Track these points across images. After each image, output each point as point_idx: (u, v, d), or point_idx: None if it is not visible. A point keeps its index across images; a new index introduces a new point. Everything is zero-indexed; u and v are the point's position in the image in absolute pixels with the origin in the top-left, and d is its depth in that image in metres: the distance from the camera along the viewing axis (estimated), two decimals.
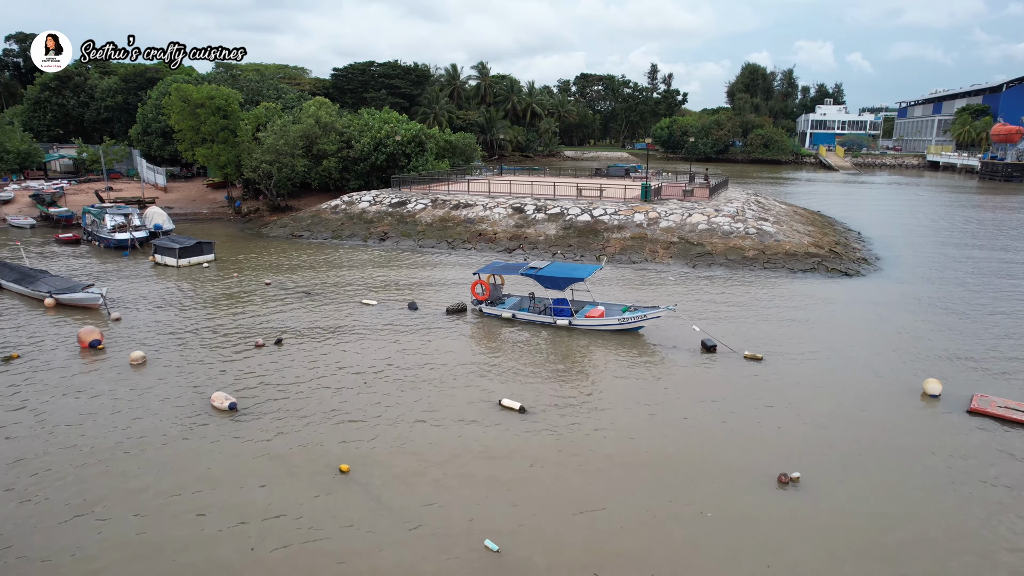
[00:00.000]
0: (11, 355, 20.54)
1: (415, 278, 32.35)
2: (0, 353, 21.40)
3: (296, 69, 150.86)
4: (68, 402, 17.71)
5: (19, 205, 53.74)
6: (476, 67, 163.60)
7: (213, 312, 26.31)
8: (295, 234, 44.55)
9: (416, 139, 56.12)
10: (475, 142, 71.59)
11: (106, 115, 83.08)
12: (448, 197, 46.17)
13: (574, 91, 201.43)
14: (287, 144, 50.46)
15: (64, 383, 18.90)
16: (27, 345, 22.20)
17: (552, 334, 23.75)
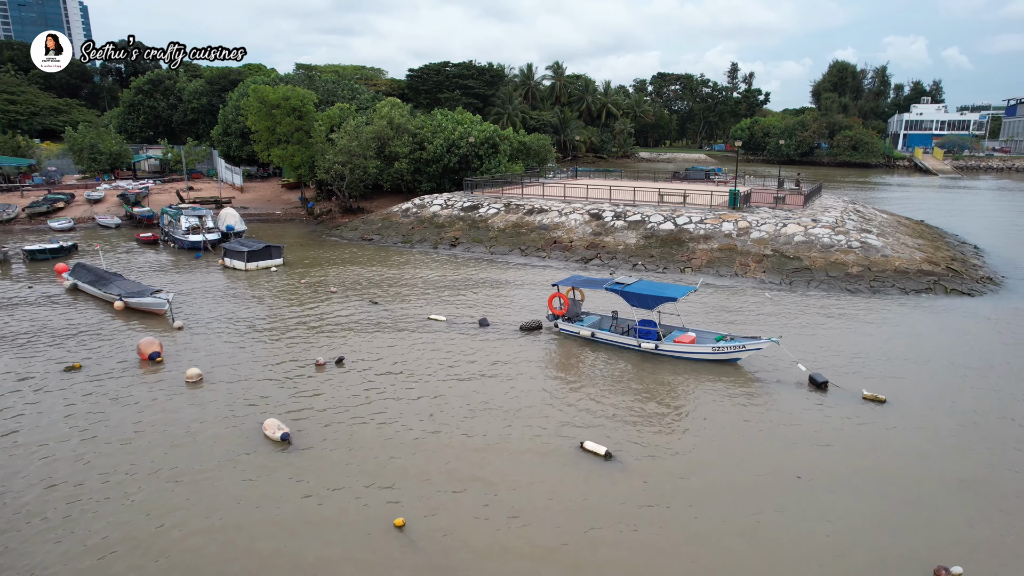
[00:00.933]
0: (74, 364, 19.89)
1: (486, 289, 30.54)
2: (68, 359, 20.87)
3: (373, 70, 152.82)
4: (117, 421, 16.71)
5: (108, 204, 55.35)
6: (551, 67, 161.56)
7: (275, 323, 25.25)
8: (365, 238, 43.67)
9: (489, 140, 54.54)
10: (549, 143, 69.49)
11: (192, 116, 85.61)
12: (522, 202, 44.27)
13: (650, 91, 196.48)
14: (360, 145, 49.80)
15: (118, 399, 17.99)
16: (92, 352, 21.61)
17: (636, 359, 21.37)
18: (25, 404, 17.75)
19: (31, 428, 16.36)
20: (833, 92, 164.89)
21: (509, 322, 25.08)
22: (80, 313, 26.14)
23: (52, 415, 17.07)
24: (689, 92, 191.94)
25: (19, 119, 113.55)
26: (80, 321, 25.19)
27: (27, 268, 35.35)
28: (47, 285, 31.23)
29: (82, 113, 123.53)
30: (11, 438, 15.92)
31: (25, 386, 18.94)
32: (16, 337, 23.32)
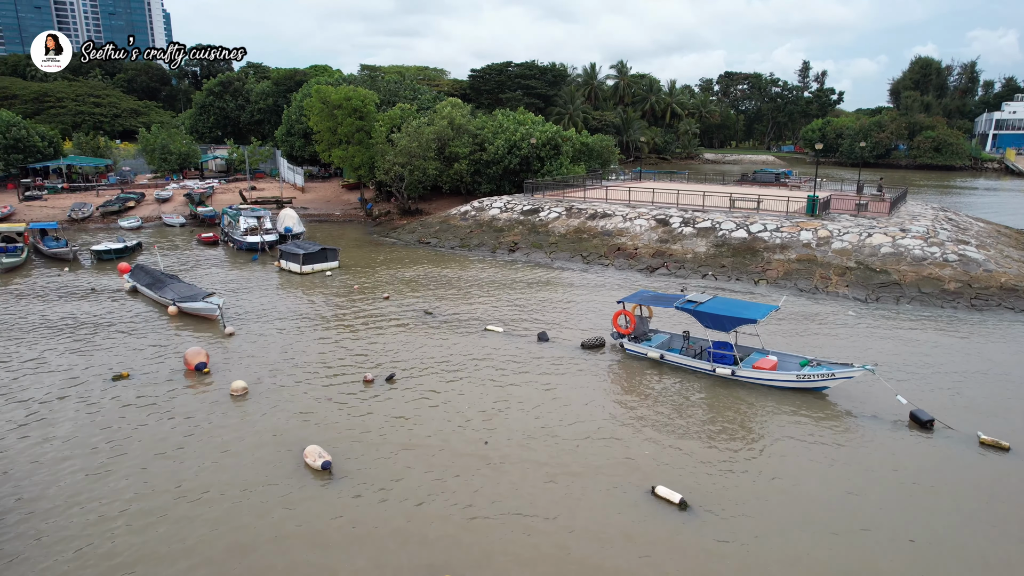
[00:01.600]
0: (122, 374, 19.42)
1: (545, 299, 28.99)
2: (119, 365, 20.47)
3: (435, 71, 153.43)
4: (155, 435, 15.96)
5: (175, 204, 56.47)
6: (615, 66, 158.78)
7: (327, 331, 24.38)
8: (422, 241, 42.78)
9: (551, 142, 52.95)
10: (613, 144, 67.44)
11: (259, 117, 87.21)
12: (584, 206, 42.52)
13: (716, 90, 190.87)
14: (420, 146, 49.04)
15: (160, 411, 17.30)
16: (142, 358, 21.17)
17: (709, 386, 19.42)
18: (69, 412, 17.28)
19: (68, 439, 15.79)
20: (914, 90, 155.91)
21: (570, 337, 23.46)
22: (135, 316, 25.95)
23: (93, 426, 16.48)
24: (757, 91, 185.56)
25: (103, 121, 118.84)
26: (135, 324, 24.95)
27: (94, 267, 35.87)
28: (109, 285, 31.44)
29: (159, 114, 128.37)
30: (47, 446, 15.37)
31: (73, 392, 18.54)
32: (73, 337, 23.20)
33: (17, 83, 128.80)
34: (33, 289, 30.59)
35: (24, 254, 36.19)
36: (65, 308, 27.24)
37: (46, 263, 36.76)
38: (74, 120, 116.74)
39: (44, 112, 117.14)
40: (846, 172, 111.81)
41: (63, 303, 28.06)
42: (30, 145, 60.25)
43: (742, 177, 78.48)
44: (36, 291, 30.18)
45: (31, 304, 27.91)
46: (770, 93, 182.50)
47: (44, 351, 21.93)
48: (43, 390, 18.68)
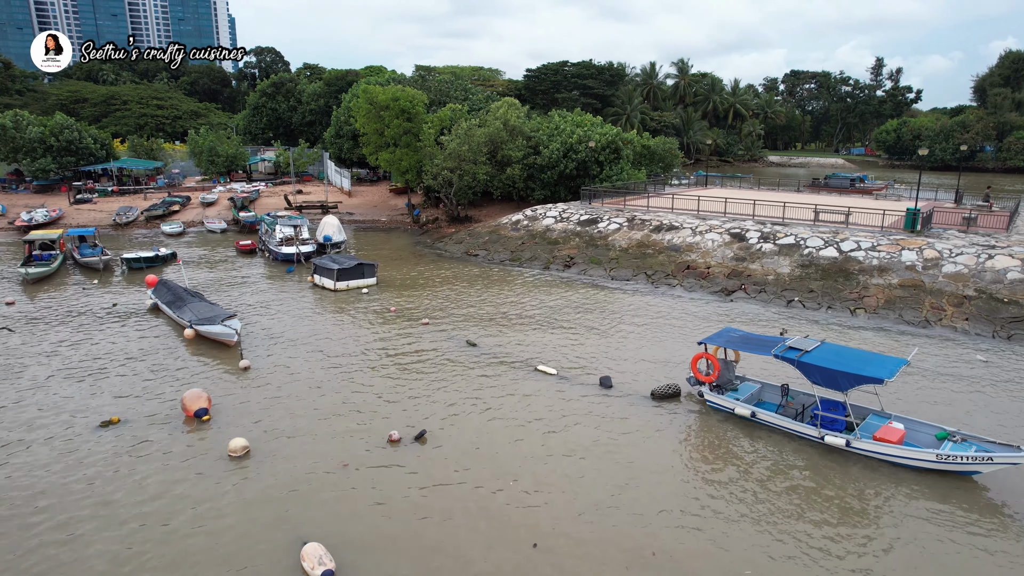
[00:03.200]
0: (112, 419, 16.71)
1: (606, 328, 25.25)
2: (115, 398, 17.85)
3: (490, 71, 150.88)
4: (120, 515, 13.04)
5: (219, 208, 54.97)
6: (676, 64, 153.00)
7: (355, 365, 21.29)
8: (469, 253, 39.54)
9: (611, 145, 49.06)
10: (676, 147, 62.98)
11: (310, 118, 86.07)
12: (647, 216, 38.50)
13: (781, 90, 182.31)
14: (470, 150, 45.91)
15: (139, 475, 14.40)
16: (140, 395, 18.50)
17: (815, 456, 15.41)
18: (39, 462, 14.63)
19: (28, 500, 13.05)
20: (1004, 87, 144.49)
21: (637, 382, 19.70)
22: (148, 341, 23.44)
23: (59, 486, 13.73)
24: (825, 91, 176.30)
25: (164, 122, 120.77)
26: (146, 350, 22.42)
27: (125, 277, 33.99)
28: (131, 300, 29.29)
29: (218, 116, 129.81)
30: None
31: (53, 441, 15.90)
32: (72, 364, 20.79)
33: (88, 87, 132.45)
34: (52, 303, 28.65)
35: (57, 262, 34.56)
36: (78, 326, 25.03)
37: (80, 272, 35.10)
38: (137, 122, 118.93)
39: (111, 115, 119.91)
40: (925, 177, 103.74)
41: (78, 320, 25.90)
42: (83, 148, 59.88)
43: (813, 182, 72.84)
44: (54, 305, 28.19)
45: (43, 322, 25.85)
46: (839, 92, 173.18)
47: (34, 381, 19.54)
48: (18, 430, 16.14)
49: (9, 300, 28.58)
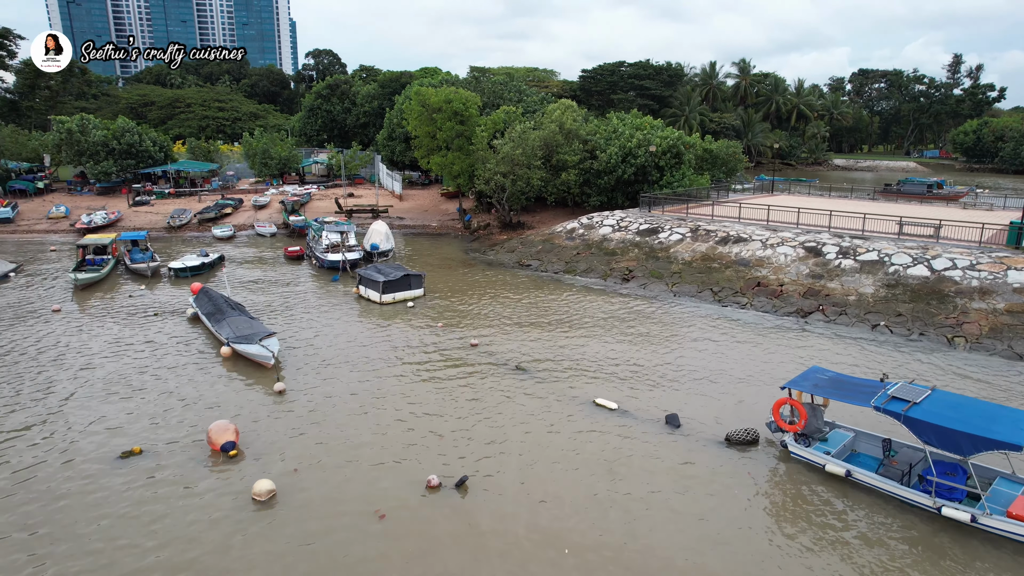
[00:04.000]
0: (133, 449, 15.53)
1: (671, 354, 23.03)
2: (136, 434, 16.74)
3: (545, 72, 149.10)
4: (134, 551, 11.69)
5: (271, 211, 54.73)
6: (736, 64, 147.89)
7: (395, 391, 19.73)
8: (522, 263, 37.70)
9: (672, 149, 46.49)
10: (740, 151, 59.85)
11: (364, 120, 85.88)
12: (712, 226, 35.92)
13: (848, 89, 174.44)
14: (524, 154, 44.12)
15: (155, 513, 13.10)
16: (165, 422, 17.34)
17: (931, 534, 12.94)
18: (49, 497, 13.50)
19: (25, 544, 11.85)
20: None
21: (709, 422, 17.49)
22: (183, 356, 22.44)
23: (65, 527, 12.52)
24: (896, 90, 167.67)
25: (224, 124, 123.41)
26: (179, 368, 21.38)
27: (172, 284, 33.49)
28: (175, 307, 28.55)
29: (276, 118, 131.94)
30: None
31: (72, 466, 14.82)
32: (106, 377, 19.88)
33: (156, 90, 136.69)
34: (96, 310, 28.16)
35: (107, 268, 34.34)
36: (117, 336, 24.29)
37: (129, 277, 34.83)
38: (200, 124, 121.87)
39: (175, 117, 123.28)
40: (1012, 181, 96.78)
41: (118, 329, 25.20)
42: (142, 150, 60.71)
43: (885, 187, 68.41)
44: (97, 313, 27.66)
45: (83, 331, 25.24)
46: (912, 92, 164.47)
47: (64, 394, 18.64)
48: (38, 450, 15.11)
49: (56, 307, 28.24)
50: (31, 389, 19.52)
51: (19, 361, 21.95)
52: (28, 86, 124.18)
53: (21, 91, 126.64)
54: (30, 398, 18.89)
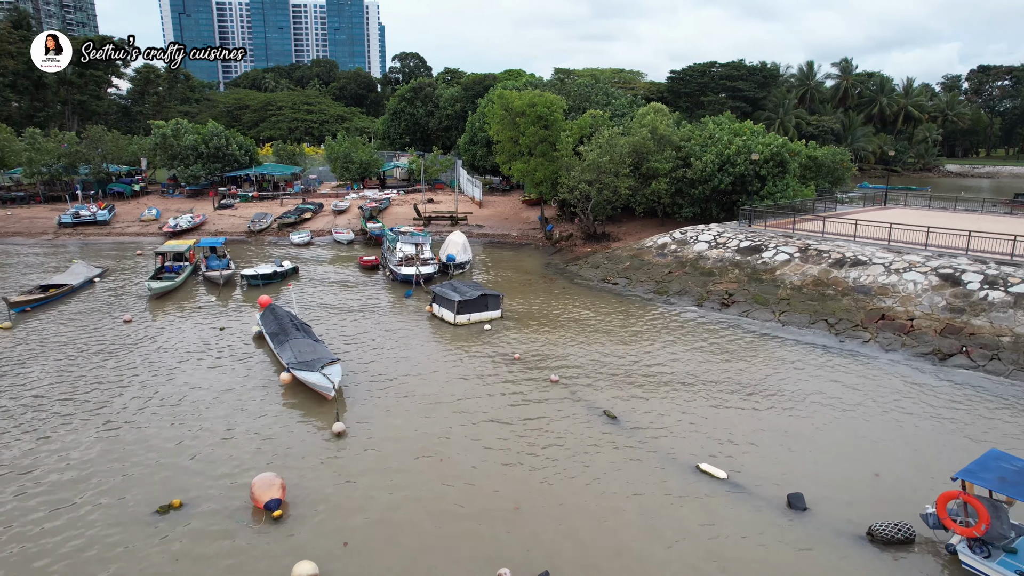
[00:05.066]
0: (172, 503, 13.85)
1: (790, 406, 19.68)
2: (179, 482, 15.13)
3: (631, 73, 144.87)
4: None
5: (350, 216, 54.06)
6: (837, 64, 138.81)
7: (465, 439, 17.41)
8: (608, 280, 34.77)
9: (776, 157, 42.36)
10: (848, 158, 54.63)
11: (446, 124, 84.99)
12: (824, 246, 31.86)
13: (964, 88, 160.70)
14: (612, 161, 41.21)
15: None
16: (214, 467, 15.66)
17: None
18: (66, 552, 11.91)
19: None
20: None
21: (839, 503, 14.21)
22: (241, 380, 20.95)
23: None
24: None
25: (312, 127, 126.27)
26: (233, 396, 19.84)
27: (243, 293, 32.67)
28: (242, 322, 27.43)
29: (361, 120, 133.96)
30: None
31: (102, 513, 13.30)
32: (158, 403, 18.56)
33: (250, 94, 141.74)
34: (165, 323, 27.37)
35: (183, 276, 33.92)
36: (176, 354, 23.19)
37: (203, 286, 34.31)
38: (289, 126, 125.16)
39: (267, 120, 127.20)
40: None
41: (181, 344, 24.14)
42: (228, 154, 61.59)
43: (1015, 197, 61.27)
44: (166, 326, 26.82)
45: (149, 341, 24.35)
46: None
47: (110, 421, 17.36)
48: (71, 487, 13.66)
49: (127, 317, 27.69)
50: (84, 409, 18.45)
51: (83, 374, 21.11)
52: (139, 92, 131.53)
53: (133, 97, 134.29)
54: (80, 418, 17.80)
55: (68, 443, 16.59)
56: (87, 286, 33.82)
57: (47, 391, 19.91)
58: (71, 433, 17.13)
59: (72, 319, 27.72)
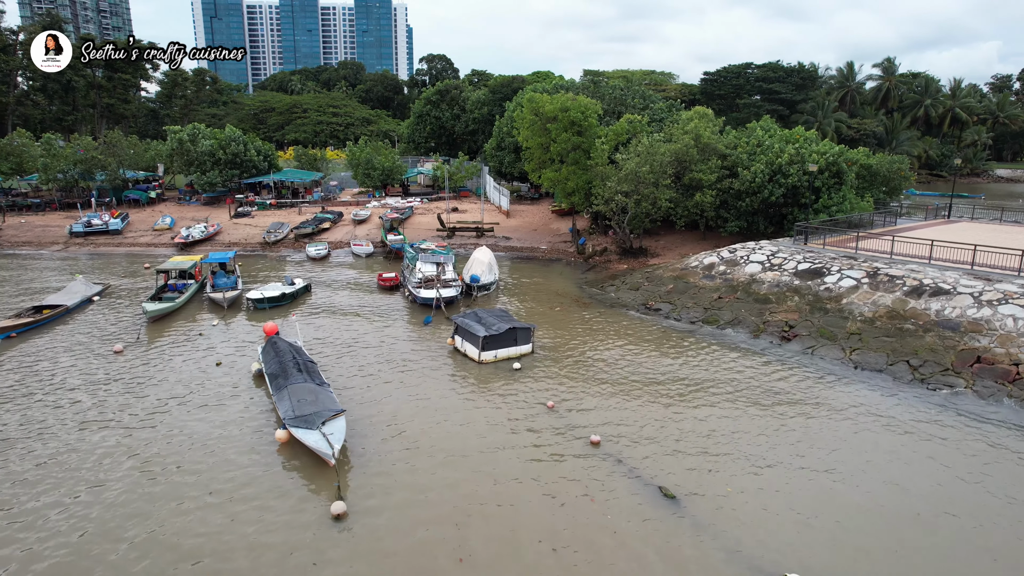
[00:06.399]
0: None
1: (881, 483, 16.18)
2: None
3: (663, 75, 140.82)
4: None
5: (370, 226, 51.31)
6: (879, 65, 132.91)
7: (486, 517, 14.26)
8: (649, 306, 31.31)
9: (832, 167, 38.59)
10: (906, 165, 50.44)
11: (472, 127, 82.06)
12: (896, 271, 28.03)
13: (1016, 88, 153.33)
14: (652, 171, 37.81)
15: None
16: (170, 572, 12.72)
17: None
18: None
19: None
20: None
21: None
22: (230, 435, 17.96)
23: None
24: None
25: (337, 129, 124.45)
26: (217, 455, 16.94)
27: (248, 315, 29.93)
28: (243, 353, 24.59)
29: (387, 123, 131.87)
30: None
31: None
32: (127, 464, 15.72)
33: (277, 97, 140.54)
34: (157, 354, 24.58)
35: (185, 295, 31.28)
36: (162, 395, 20.42)
37: (208, 306, 31.63)
38: (315, 129, 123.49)
39: (292, 122, 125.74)
40: None
41: (166, 387, 21.33)
42: (246, 160, 59.32)
43: None
44: (157, 359, 23.97)
45: (128, 385, 21.60)
46: None
47: (61, 494, 14.54)
48: None
49: (118, 347, 24.97)
50: (36, 469, 15.68)
51: (51, 424, 18.40)
52: (166, 96, 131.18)
53: (161, 100, 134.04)
54: (30, 487, 15.01)
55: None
56: (84, 305, 31.39)
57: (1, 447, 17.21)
58: (11, 500, 14.34)
59: (59, 347, 25.17)
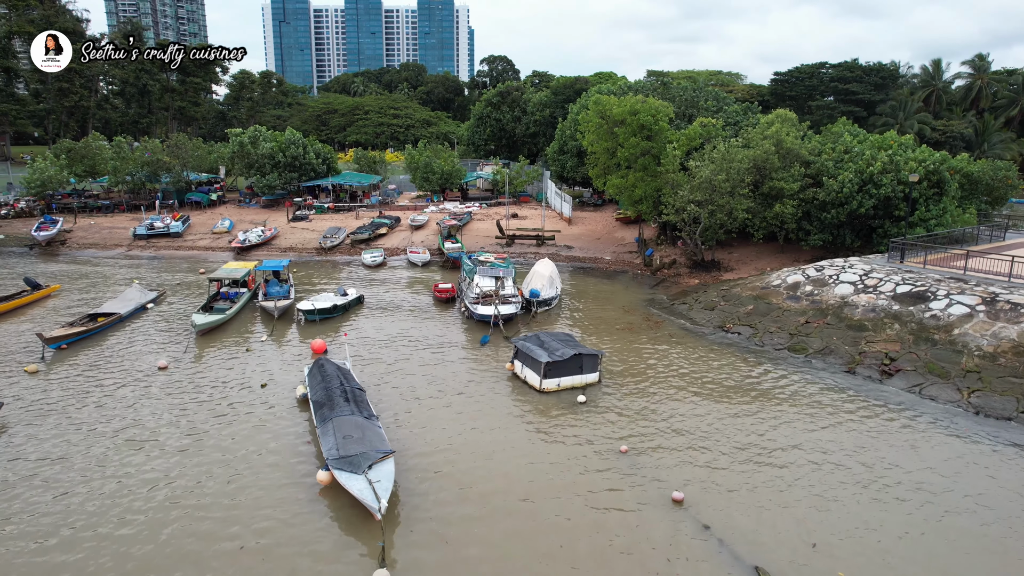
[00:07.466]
0: None
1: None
2: None
3: (729, 75, 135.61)
4: None
5: (427, 232, 49.98)
6: (968, 62, 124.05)
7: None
8: (725, 328, 28.55)
9: (933, 175, 34.84)
10: (1014, 172, 45.67)
11: (533, 130, 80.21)
12: (1018, 297, 24.46)
13: None
14: (728, 179, 34.96)
15: None
16: None
17: None
18: None
19: None
20: None
21: None
22: (265, 476, 16.39)
23: None
24: None
25: (398, 131, 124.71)
26: (248, 502, 15.38)
27: (300, 329, 28.68)
28: (285, 378, 23.21)
29: (447, 124, 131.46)
30: None
31: None
32: (147, 512, 14.32)
33: (339, 99, 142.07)
34: (203, 371, 23.44)
35: (236, 306, 30.29)
36: (197, 425, 19.11)
37: (259, 317, 30.59)
38: (375, 130, 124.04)
39: (354, 124, 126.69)
40: None
41: (202, 414, 20.05)
42: (305, 163, 58.95)
43: None
44: (201, 379, 22.76)
45: (167, 409, 20.42)
46: None
47: (66, 545, 13.18)
48: None
49: (162, 363, 23.96)
50: (63, 505, 14.44)
51: (83, 449, 17.27)
52: (234, 98, 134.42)
53: (228, 103, 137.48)
54: (50, 518, 13.75)
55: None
56: (138, 313, 30.83)
57: (24, 475, 16.12)
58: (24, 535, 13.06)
59: (106, 360, 24.37)
